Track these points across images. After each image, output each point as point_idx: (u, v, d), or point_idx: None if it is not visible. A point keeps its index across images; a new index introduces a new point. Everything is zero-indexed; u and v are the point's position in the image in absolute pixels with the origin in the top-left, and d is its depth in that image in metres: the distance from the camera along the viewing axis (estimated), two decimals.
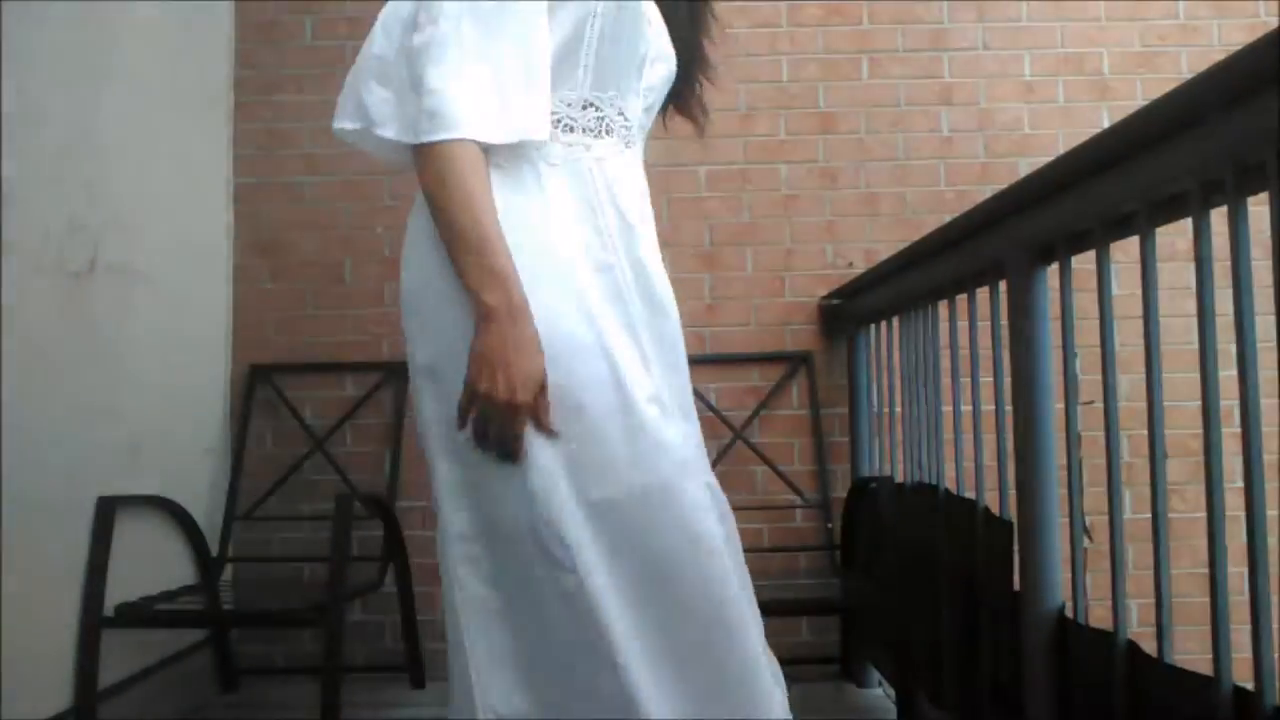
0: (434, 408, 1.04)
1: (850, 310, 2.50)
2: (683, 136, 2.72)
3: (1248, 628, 0.89)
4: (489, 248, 0.98)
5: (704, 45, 1.25)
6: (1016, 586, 1.35)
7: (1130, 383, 2.56)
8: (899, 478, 2.06)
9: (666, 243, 2.97)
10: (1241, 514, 0.89)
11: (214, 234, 2.61)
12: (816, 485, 2.58)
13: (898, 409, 2.09)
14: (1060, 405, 1.30)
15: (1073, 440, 1.26)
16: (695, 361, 2.80)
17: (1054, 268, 1.30)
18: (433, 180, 1.00)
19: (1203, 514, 0.96)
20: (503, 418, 0.97)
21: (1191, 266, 0.99)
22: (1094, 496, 1.62)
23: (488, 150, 1.02)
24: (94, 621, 1.96)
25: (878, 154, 2.69)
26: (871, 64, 2.72)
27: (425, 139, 0.99)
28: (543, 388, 0.98)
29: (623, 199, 1.12)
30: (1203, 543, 0.96)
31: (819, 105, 2.70)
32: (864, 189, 2.69)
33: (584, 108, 1.09)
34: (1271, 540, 0.95)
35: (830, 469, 2.59)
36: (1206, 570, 0.96)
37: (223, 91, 2.67)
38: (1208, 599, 0.95)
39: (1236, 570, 0.90)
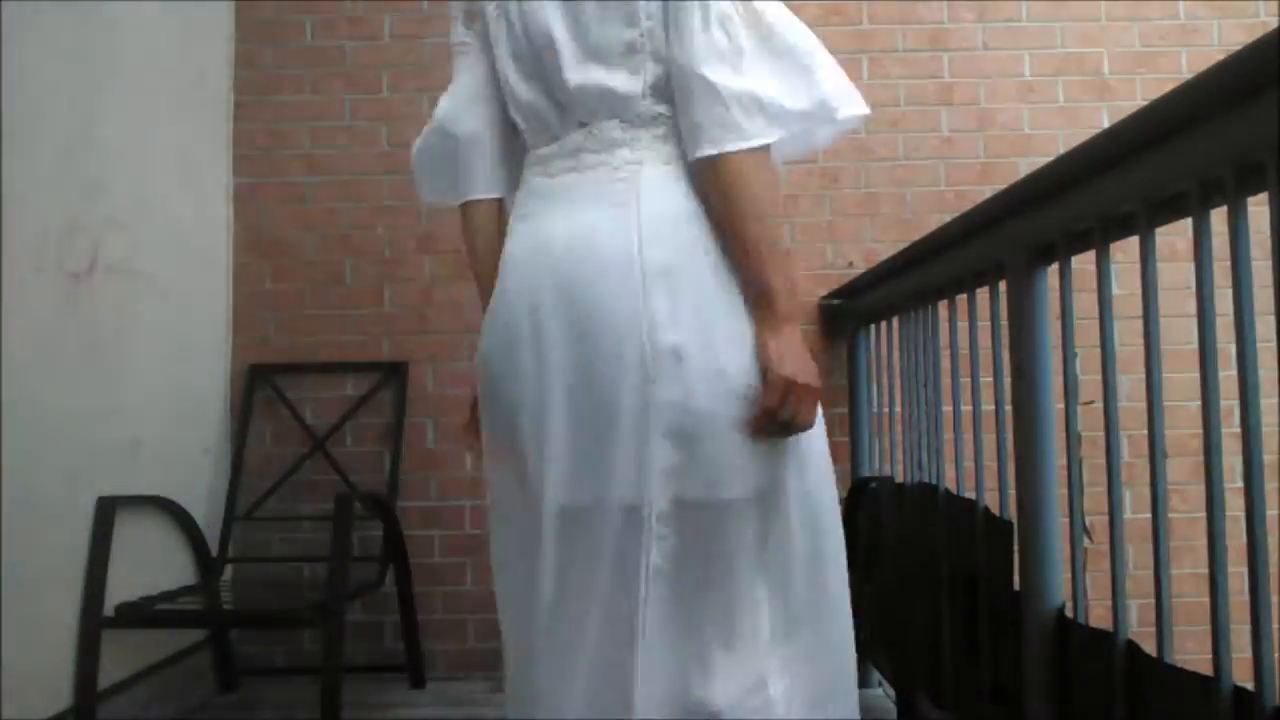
0: (674, 389, 1.03)
1: (850, 310, 2.50)
2: None
3: (1248, 628, 0.89)
4: (789, 260, 1.06)
5: None
6: (1016, 586, 1.35)
7: (1130, 383, 2.56)
8: (899, 478, 2.06)
9: None
10: (1241, 514, 0.89)
11: (214, 234, 2.62)
12: None
13: (898, 409, 2.09)
14: (1060, 405, 1.30)
15: (1073, 440, 1.26)
16: None
17: (1054, 268, 1.30)
18: (764, 186, 1.05)
19: (1203, 514, 0.96)
20: (811, 400, 1.05)
21: (1191, 266, 0.98)
22: (1094, 496, 1.62)
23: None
24: (94, 621, 1.96)
25: (878, 154, 2.69)
26: (871, 64, 2.72)
27: (764, 140, 1.03)
28: None
29: None
30: (1203, 543, 0.96)
31: None
32: (864, 189, 2.69)
33: None
34: (1271, 540, 0.95)
35: None
36: (1206, 570, 0.95)
37: (223, 91, 2.67)
38: (1208, 599, 0.95)
39: (1236, 570, 0.90)
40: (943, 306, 1.77)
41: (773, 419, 1.03)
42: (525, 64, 1.15)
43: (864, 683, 2.40)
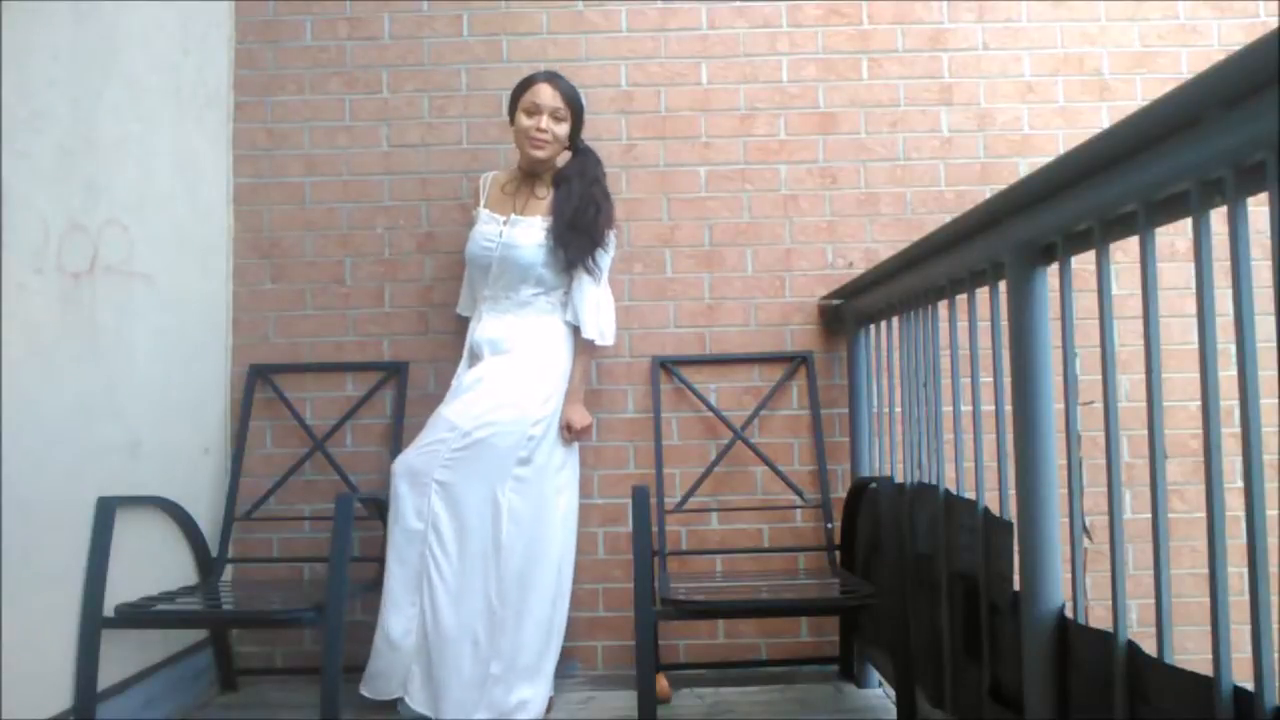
0: (539, 411, 2.30)
1: (850, 310, 2.50)
2: (683, 137, 2.73)
3: (1248, 628, 0.89)
4: (590, 364, 2.51)
5: None
6: (1016, 586, 1.35)
7: (1130, 383, 2.56)
8: (899, 478, 2.06)
9: (667, 243, 2.97)
10: (1241, 514, 0.89)
11: (214, 234, 2.62)
12: (816, 485, 2.58)
13: (898, 409, 2.09)
14: (1060, 405, 1.30)
15: (1073, 440, 1.26)
16: (695, 362, 2.80)
17: (1054, 268, 1.30)
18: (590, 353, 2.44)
19: (1203, 514, 0.96)
20: (583, 430, 2.43)
21: (1191, 266, 0.98)
22: (1094, 496, 1.62)
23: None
24: (94, 621, 1.96)
25: (878, 154, 2.70)
26: (871, 64, 2.72)
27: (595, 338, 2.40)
28: None
29: None
30: (1203, 543, 0.96)
31: (819, 105, 2.71)
32: (864, 189, 2.69)
33: None
34: (1271, 540, 0.95)
35: (830, 469, 2.59)
36: (1206, 570, 0.96)
37: (223, 91, 2.67)
38: (1208, 599, 0.95)
39: (1236, 570, 0.90)
40: (943, 306, 1.78)
41: (567, 428, 2.32)
42: (492, 252, 2.34)
43: (864, 683, 2.40)
